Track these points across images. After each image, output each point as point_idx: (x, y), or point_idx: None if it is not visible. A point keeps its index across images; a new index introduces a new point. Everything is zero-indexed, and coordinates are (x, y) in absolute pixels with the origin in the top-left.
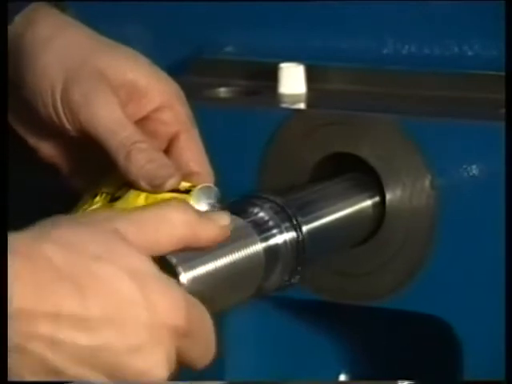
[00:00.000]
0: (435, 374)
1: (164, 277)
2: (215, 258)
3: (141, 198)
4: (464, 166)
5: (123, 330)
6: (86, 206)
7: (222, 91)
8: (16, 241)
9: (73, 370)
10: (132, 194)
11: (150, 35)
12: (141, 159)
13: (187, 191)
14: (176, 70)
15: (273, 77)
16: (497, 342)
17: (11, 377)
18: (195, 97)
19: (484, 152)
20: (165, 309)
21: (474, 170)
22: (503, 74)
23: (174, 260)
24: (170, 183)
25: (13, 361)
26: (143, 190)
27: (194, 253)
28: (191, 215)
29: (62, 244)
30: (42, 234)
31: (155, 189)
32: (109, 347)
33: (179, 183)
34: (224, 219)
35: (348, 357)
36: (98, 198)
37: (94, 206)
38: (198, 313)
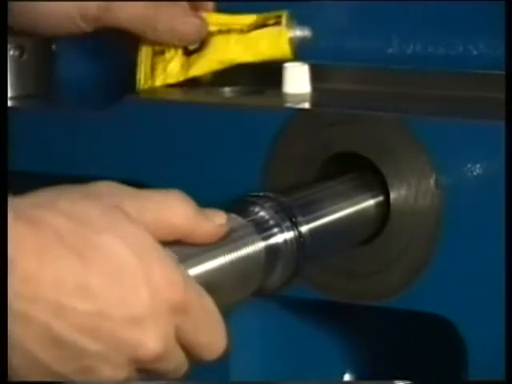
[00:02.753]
0: (440, 374)
1: (163, 252)
2: (216, 257)
3: (231, 43)
4: (469, 166)
5: (123, 300)
6: (160, 66)
7: (227, 91)
8: (18, 206)
9: (73, 337)
10: (219, 40)
11: None
12: None
13: (277, 23)
14: None
15: (277, 76)
16: (501, 341)
17: (12, 350)
18: (199, 97)
19: (489, 152)
20: (162, 282)
21: (479, 169)
22: None
23: (174, 258)
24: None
25: (15, 329)
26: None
27: (194, 251)
28: (192, 208)
29: (65, 213)
30: (46, 203)
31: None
32: (109, 315)
33: None
34: (221, 218)
35: (352, 356)
36: (169, 54)
37: (173, 64)
38: (195, 291)
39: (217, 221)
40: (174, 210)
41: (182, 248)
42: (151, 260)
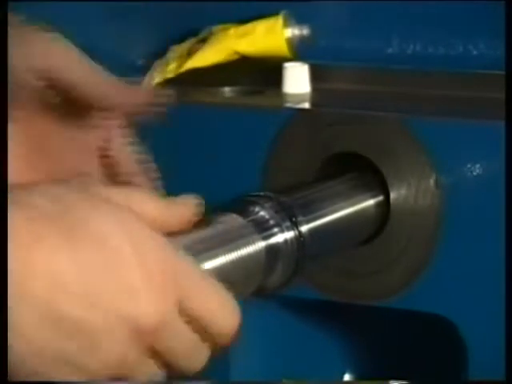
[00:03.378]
0: (440, 374)
1: (156, 235)
2: (216, 257)
3: (229, 33)
4: (469, 166)
5: (117, 273)
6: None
7: (227, 91)
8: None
9: (73, 312)
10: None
11: (152, 33)
12: None
13: None
14: None
15: (277, 76)
16: (501, 341)
17: (12, 333)
18: (199, 96)
19: (489, 151)
20: (154, 253)
21: (479, 169)
22: None
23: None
24: None
25: (14, 310)
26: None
27: (194, 251)
28: (157, 200)
29: (51, 196)
30: (31, 191)
31: None
32: (106, 292)
33: None
34: (190, 200)
35: (352, 356)
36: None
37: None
38: (188, 263)
39: (188, 203)
40: (143, 205)
41: (182, 248)
42: (138, 233)
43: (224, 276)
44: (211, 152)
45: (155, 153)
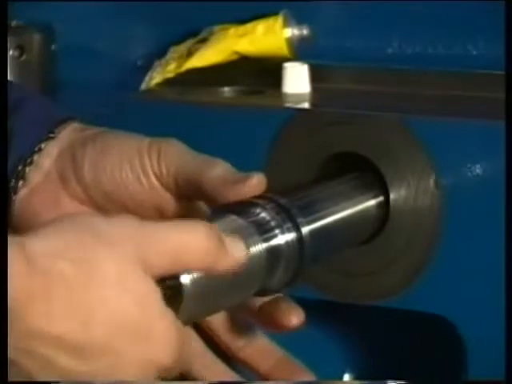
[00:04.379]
0: (440, 374)
1: (167, 312)
2: None
3: (229, 32)
4: (469, 166)
5: (116, 363)
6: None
7: (226, 91)
8: (33, 256)
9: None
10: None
11: (152, 33)
12: None
13: None
14: None
15: (277, 76)
16: (501, 341)
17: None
18: (199, 96)
19: (489, 151)
20: (160, 350)
21: (479, 169)
22: None
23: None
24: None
25: (19, 361)
26: None
27: None
28: (213, 244)
29: (80, 267)
30: (62, 252)
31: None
32: (97, 375)
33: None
34: (240, 250)
35: (352, 356)
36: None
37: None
38: (184, 347)
39: (236, 254)
40: (194, 252)
41: None
42: (153, 323)
43: (225, 277)
44: (211, 152)
45: None
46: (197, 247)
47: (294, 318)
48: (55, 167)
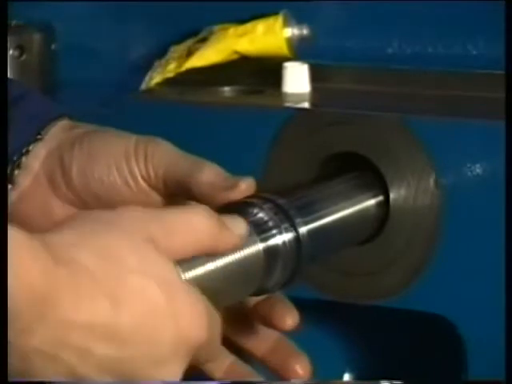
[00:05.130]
0: (440, 374)
1: (190, 289)
2: (215, 258)
3: (229, 32)
4: (469, 165)
5: (150, 345)
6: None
7: (226, 90)
8: (55, 247)
9: (96, 377)
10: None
11: (151, 34)
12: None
13: None
14: None
15: (277, 76)
16: (501, 341)
17: (28, 376)
18: (199, 96)
19: (488, 151)
20: (189, 325)
21: (479, 169)
22: None
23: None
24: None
25: (39, 364)
26: None
27: None
28: (214, 223)
29: (99, 254)
30: (76, 242)
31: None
32: (135, 360)
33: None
34: (241, 228)
35: (352, 356)
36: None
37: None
38: (215, 325)
39: (238, 231)
40: (199, 230)
41: None
42: (179, 299)
43: (223, 277)
44: (211, 152)
45: None
46: (202, 227)
47: (289, 319)
48: (43, 170)
